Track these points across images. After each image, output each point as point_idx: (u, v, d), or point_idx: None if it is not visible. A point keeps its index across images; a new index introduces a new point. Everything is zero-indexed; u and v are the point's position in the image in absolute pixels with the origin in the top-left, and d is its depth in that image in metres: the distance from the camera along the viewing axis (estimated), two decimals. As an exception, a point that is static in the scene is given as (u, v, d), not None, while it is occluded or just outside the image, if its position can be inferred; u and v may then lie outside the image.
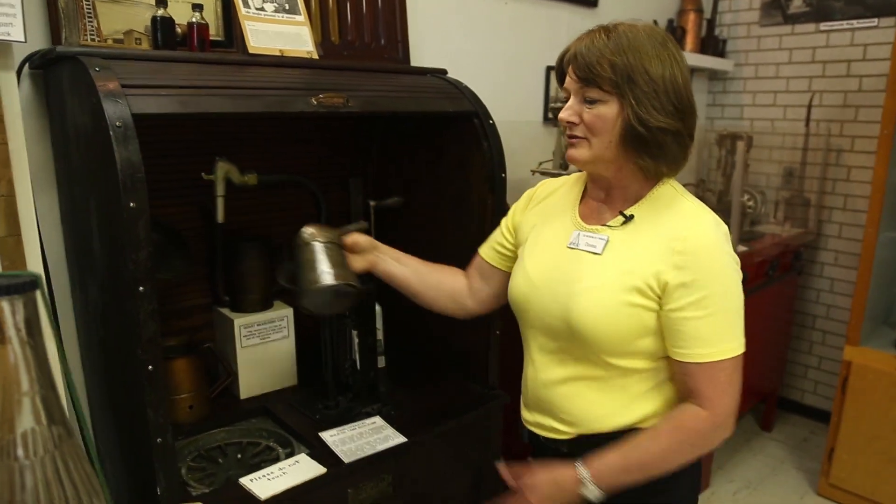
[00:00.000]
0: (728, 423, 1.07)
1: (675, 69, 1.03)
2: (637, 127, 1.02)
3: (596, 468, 1.08)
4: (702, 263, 1.03)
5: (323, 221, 1.49)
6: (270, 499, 1.24)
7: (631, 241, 1.09)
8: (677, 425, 1.08)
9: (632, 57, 1.01)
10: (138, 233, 1.06)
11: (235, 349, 1.63)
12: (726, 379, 1.05)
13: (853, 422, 2.56)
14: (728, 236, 1.08)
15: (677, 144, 1.06)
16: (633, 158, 1.07)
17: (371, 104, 1.41)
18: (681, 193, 1.12)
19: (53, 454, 0.67)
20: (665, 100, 1.02)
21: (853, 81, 3.05)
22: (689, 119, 1.06)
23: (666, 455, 1.08)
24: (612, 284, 1.07)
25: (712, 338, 1.04)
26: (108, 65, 1.13)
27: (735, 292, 1.06)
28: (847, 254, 3.14)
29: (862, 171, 3.05)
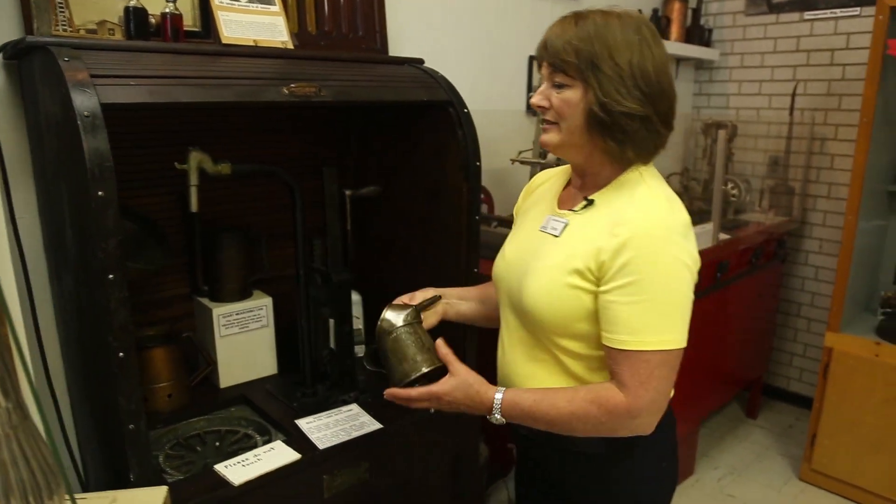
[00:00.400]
0: (646, 419, 1.04)
1: (644, 55, 1.03)
2: (598, 112, 1.03)
3: (508, 403, 1.10)
4: (639, 249, 1.00)
5: (297, 211, 1.50)
6: (244, 484, 1.26)
7: (585, 225, 1.10)
8: (594, 399, 1.04)
9: (598, 43, 1.02)
10: (107, 222, 1.07)
11: (214, 338, 1.64)
12: (648, 372, 1.01)
13: (834, 407, 2.59)
14: (685, 229, 1.04)
15: (645, 130, 1.05)
16: (598, 143, 1.07)
17: (344, 93, 1.42)
18: (645, 179, 1.09)
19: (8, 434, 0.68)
20: (631, 85, 1.02)
21: (837, 70, 3.06)
22: (661, 104, 1.05)
23: (572, 422, 1.06)
24: (558, 266, 1.09)
25: (637, 326, 1.01)
26: (78, 55, 1.14)
27: (673, 286, 1.01)
28: (831, 241, 3.16)
29: (845, 159, 3.06)
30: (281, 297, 1.77)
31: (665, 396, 1.05)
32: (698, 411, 2.71)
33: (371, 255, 1.94)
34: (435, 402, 1.15)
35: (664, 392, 1.04)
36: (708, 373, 2.65)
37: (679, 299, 1.02)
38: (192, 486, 1.26)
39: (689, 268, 1.03)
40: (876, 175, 2.57)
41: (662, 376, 1.03)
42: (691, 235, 1.06)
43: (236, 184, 1.77)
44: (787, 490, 2.67)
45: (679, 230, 1.03)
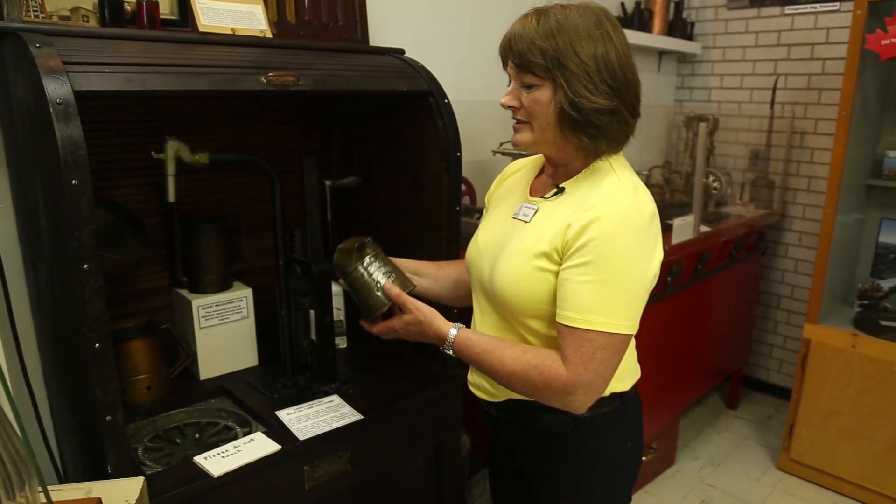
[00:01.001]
0: (581, 398, 1.05)
1: (608, 47, 1.03)
2: (570, 111, 1.04)
3: (460, 341, 1.16)
4: (599, 231, 1.02)
5: (277, 201, 1.49)
6: (223, 476, 1.25)
7: (554, 211, 1.12)
8: (537, 364, 1.07)
9: (560, 40, 1.02)
10: (81, 210, 1.05)
11: (194, 330, 1.63)
12: (590, 351, 1.02)
13: (812, 398, 2.62)
14: (649, 218, 1.06)
15: (616, 122, 1.06)
16: (571, 139, 1.09)
17: (322, 83, 1.41)
18: (615, 169, 1.11)
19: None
20: (598, 79, 1.02)
21: (816, 64, 3.09)
22: (628, 95, 1.06)
23: (511, 379, 1.10)
24: (526, 249, 1.11)
25: (586, 305, 1.02)
26: (50, 41, 1.12)
27: (627, 271, 1.02)
28: (810, 234, 3.19)
29: (825, 152, 3.10)
30: (260, 288, 1.76)
31: (604, 380, 1.06)
32: (679, 402, 2.73)
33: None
34: (396, 333, 1.24)
35: (604, 375, 1.05)
36: (689, 364, 2.68)
37: (631, 285, 1.03)
38: (170, 477, 1.25)
39: (651, 255, 1.05)
40: (854, 169, 2.60)
41: (604, 359, 1.04)
42: (656, 227, 1.07)
43: (215, 174, 1.75)
44: (766, 479, 2.71)
45: (643, 219, 1.05)
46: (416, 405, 1.61)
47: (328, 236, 1.60)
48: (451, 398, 1.72)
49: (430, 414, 1.67)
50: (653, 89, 3.44)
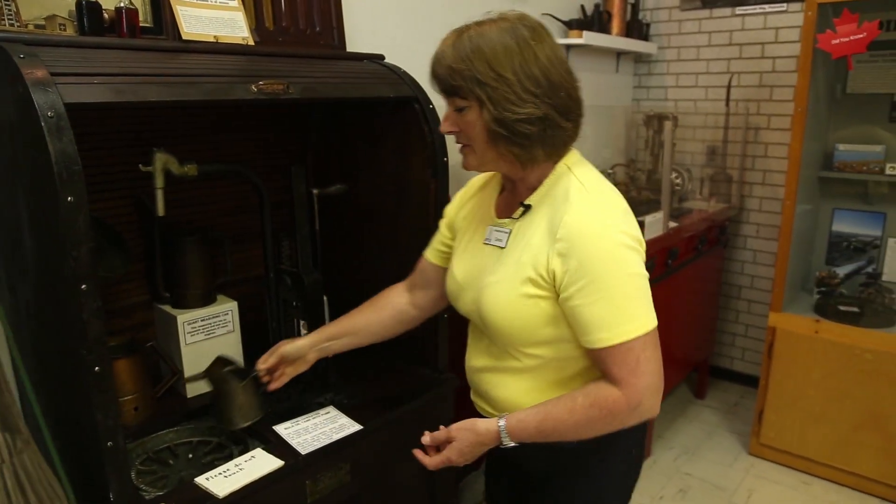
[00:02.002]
0: (648, 403, 1.05)
1: (525, 55, 1.02)
2: (496, 127, 1.03)
3: (513, 427, 1.11)
4: (582, 249, 1.02)
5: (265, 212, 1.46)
6: (229, 496, 1.22)
7: (527, 231, 1.11)
8: (592, 402, 1.06)
9: (476, 59, 1.01)
10: (78, 228, 1.01)
11: (180, 346, 1.58)
12: (634, 359, 1.03)
13: (779, 384, 2.72)
14: (621, 213, 1.07)
15: (548, 128, 1.05)
16: (505, 153, 1.08)
17: (311, 90, 1.39)
18: (574, 173, 1.10)
19: (10, 463, 0.64)
20: (520, 90, 1.01)
21: (767, 63, 3.21)
22: (556, 98, 1.04)
23: (578, 429, 1.08)
24: (510, 277, 1.10)
25: (608, 321, 1.02)
26: (34, 52, 1.07)
27: (623, 273, 1.03)
28: (767, 226, 3.31)
29: (778, 147, 3.22)
30: (243, 300, 1.71)
31: (658, 375, 1.06)
32: (653, 394, 2.79)
33: (336, 256, 1.91)
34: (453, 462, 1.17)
35: (656, 372, 1.06)
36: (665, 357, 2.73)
37: (636, 282, 1.04)
38: (172, 501, 1.21)
39: (632, 248, 1.05)
40: (808, 162, 2.71)
41: (649, 358, 1.04)
42: (629, 218, 1.08)
43: (193, 185, 1.70)
44: (738, 465, 2.80)
45: (615, 216, 1.06)
46: (411, 411, 1.60)
47: (317, 246, 1.58)
48: (444, 402, 1.72)
49: (425, 419, 1.66)
50: (611, 89, 3.51)
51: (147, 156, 1.36)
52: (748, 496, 2.59)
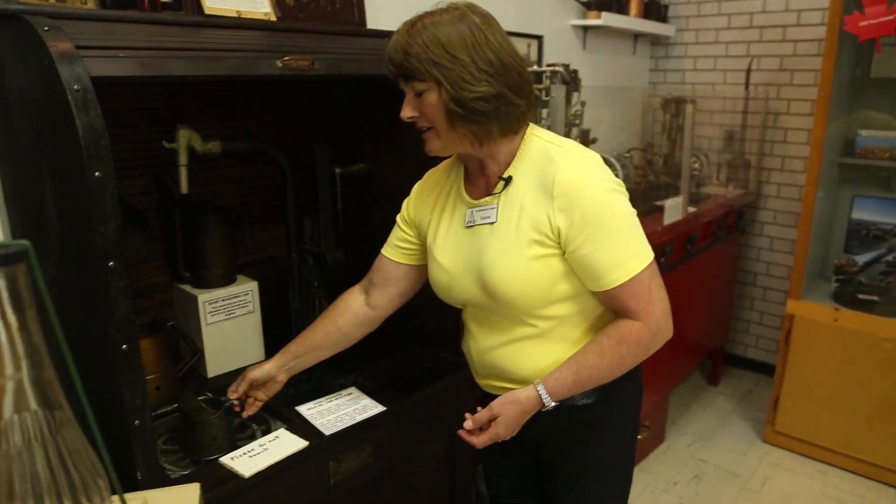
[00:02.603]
0: (664, 326, 1.15)
1: (477, 37, 1.07)
2: (454, 107, 1.07)
3: (552, 386, 1.16)
4: (581, 200, 1.09)
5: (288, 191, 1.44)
6: (254, 476, 1.21)
7: (515, 200, 1.15)
8: (619, 339, 1.14)
9: (431, 43, 1.06)
10: (105, 204, 1.00)
11: (200, 327, 1.57)
12: (645, 290, 1.12)
13: (796, 372, 2.70)
14: (601, 164, 1.14)
15: (502, 105, 1.10)
16: (463, 131, 1.11)
17: (336, 67, 1.37)
18: (548, 141, 1.17)
19: (53, 440, 0.62)
20: (475, 69, 1.06)
21: (788, 46, 3.15)
22: (509, 77, 1.09)
23: (612, 367, 1.16)
24: (513, 246, 1.14)
25: (617, 260, 1.10)
26: (58, 24, 1.04)
27: (620, 212, 1.11)
28: (785, 212, 3.28)
29: (798, 132, 3.18)
30: (262, 281, 1.70)
31: (666, 299, 1.15)
32: (668, 380, 2.78)
33: (356, 236, 1.89)
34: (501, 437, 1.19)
35: (663, 297, 1.15)
36: (678, 343, 2.71)
37: (631, 219, 1.13)
38: (199, 480, 1.19)
39: (619, 191, 1.13)
40: (829, 147, 2.67)
41: (658, 286, 1.14)
42: (607, 167, 1.16)
43: (212, 164, 1.68)
44: (753, 452, 2.78)
45: (598, 167, 1.14)
46: (434, 393, 1.59)
47: (339, 225, 1.56)
48: (466, 385, 1.70)
49: (447, 401, 1.66)
50: (628, 72, 3.46)
51: (167, 134, 1.34)
52: (763, 483, 2.58)
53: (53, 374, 0.63)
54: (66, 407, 0.64)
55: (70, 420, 0.64)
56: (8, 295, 0.60)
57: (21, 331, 0.62)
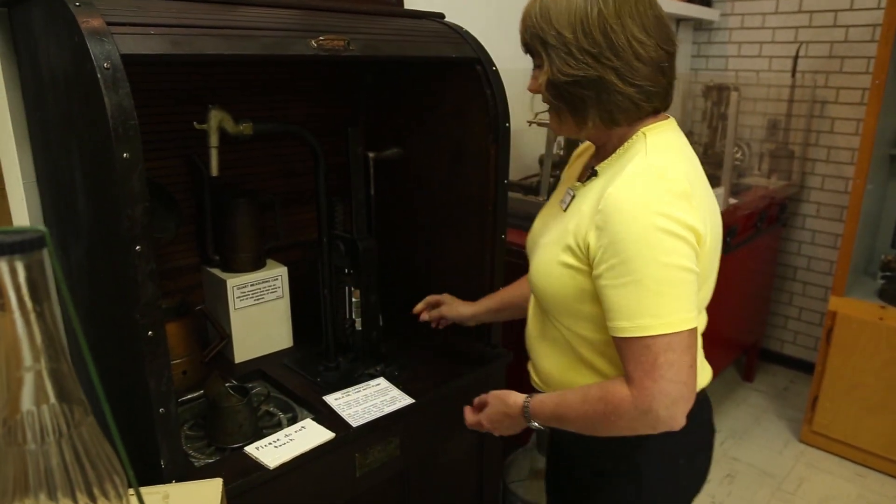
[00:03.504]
0: (658, 411, 0.91)
1: (589, 14, 0.95)
2: (547, 90, 1.02)
3: (534, 406, 1.09)
4: (616, 224, 0.92)
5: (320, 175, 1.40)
6: (279, 467, 1.19)
7: (585, 198, 1.03)
8: (601, 396, 0.98)
9: (542, 19, 0.99)
10: (133, 186, 0.96)
11: (228, 311, 1.55)
12: (651, 360, 0.91)
13: (837, 370, 2.61)
14: (672, 197, 0.92)
15: (604, 92, 0.98)
16: (565, 117, 1.04)
17: (372, 48, 1.32)
18: (647, 145, 1.00)
19: (69, 435, 0.60)
20: (576, 49, 0.96)
21: (839, 32, 3.02)
22: (617, 60, 0.95)
23: (587, 421, 1.01)
24: (555, 241, 1.06)
25: (630, 311, 0.92)
26: (90, 0, 1.01)
27: (657, 260, 0.90)
28: (829, 206, 3.16)
29: (846, 122, 3.05)
30: (292, 266, 1.67)
31: (680, 384, 0.91)
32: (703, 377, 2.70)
33: (388, 222, 1.85)
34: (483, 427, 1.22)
35: (676, 379, 0.91)
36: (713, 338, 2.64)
37: (672, 274, 0.91)
38: (224, 470, 1.18)
39: (675, 235, 0.91)
40: (879, 139, 2.55)
41: (671, 362, 0.91)
42: (685, 205, 0.92)
43: (242, 146, 1.65)
44: (788, 452, 2.70)
45: (663, 199, 0.92)
46: (464, 386, 1.55)
47: (371, 211, 1.52)
48: (497, 378, 1.66)
49: (477, 394, 1.61)
50: (669, 57, 3.35)
51: (198, 115, 1.31)
52: (798, 485, 2.50)
53: (71, 367, 0.60)
54: (83, 399, 0.61)
55: (87, 413, 0.61)
56: (26, 283, 0.57)
57: (39, 320, 0.58)
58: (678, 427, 0.94)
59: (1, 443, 0.57)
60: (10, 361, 0.58)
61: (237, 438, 1.28)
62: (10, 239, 0.54)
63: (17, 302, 0.58)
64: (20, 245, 0.55)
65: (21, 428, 0.58)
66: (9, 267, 0.56)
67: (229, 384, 1.36)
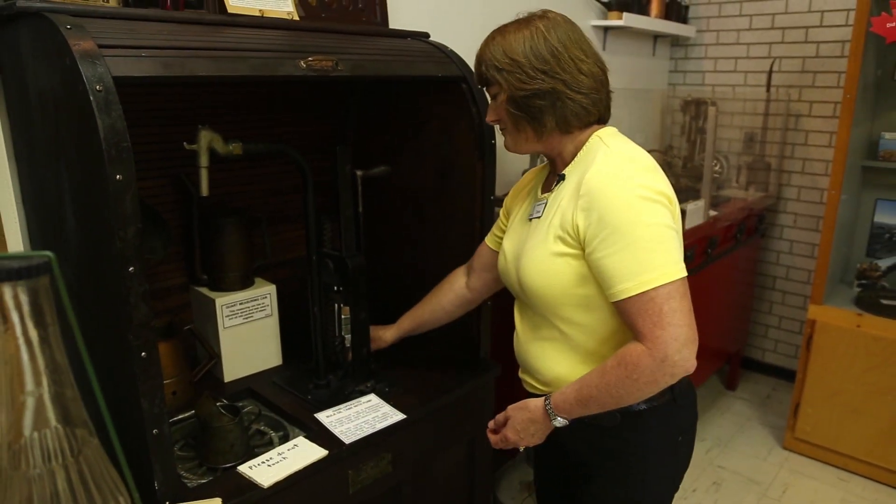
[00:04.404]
0: (675, 357, 1.02)
1: (536, 41, 1.12)
2: (510, 107, 1.16)
3: (556, 400, 1.16)
4: (601, 201, 1.06)
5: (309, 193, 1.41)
6: (274, 486, 1.19)
7: (559, 197, 1.17)
8: (619, 361, 1.07)
9: (495, 52, 1.15)
10: (125, 208, 0.97)
11: (218, 330, 1.54)
12: (656, 309, 1.02)
13: (817, 377, 2.65)
14: (645, 170, 1.08)
15: (558, 101, 1.13)
16: (525, 129, 1.18)
17: (360, 68, 1.34)
18: (604, 142, 1.15)
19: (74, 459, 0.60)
20: (529, 68, 1.12)
21: (811, 47, 3.10)
22: (565, 73, 1.12)
23: (611, 390, 1.08)
24: (542, 239, 1.16)
25: (629, 271, 1.03)
26: (80, 23, 1.02)
27: (643, 222, 1.03)
28: (805, 216, 3.22)
29: (819, 135, 3.12)
30: (279, 284, 1.67)
31: (687, 326, 1.03)
32: (686, 386, 2.74)
33: (376, 239, 1.86)
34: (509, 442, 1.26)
35: (682, 323, 1.02)
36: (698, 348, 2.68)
37: (658, 231, 1.04)
38: (217, 490, 1.17)
39: (656, 200, 1.06)
40: (852, 150, 2.62)
41: (675, 309, 1.02)
42: (654, 174, 1.09)
43: (229, 166, 1.66)
44: (773, 458, 2.74)
45: (634, 170, 1.08)
46: (454, 400, 1.56)
47: (359, 228, 1.53)
48: (486, 391, 1.67)
49: (467, 408, 1.63)
50: (647, 73, 3.42)
51: (184, 134, 1.31)
52: (783, 491, 2.53)
53: (75, 391, 0.61)
54: (88, 423, 0.61)
55: (92, 437, 0.61)
56: (29, 309, 0.57)
57: (42, 345, 0.59)
58: (692, 369, 1.05)
59: (6, 468, 0.57)
60: (14, 386, 0.58)
61: (229, 458, 1.28)
62: (15, 264, 0.55)
63: (21, 327, 0.58)
64: (25, 271, 0.56)
65: (25, 452, 0.58)
66: (12, 292, 0.57)
67: (220, 404, 1.35)
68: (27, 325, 0.58)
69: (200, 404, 1.33)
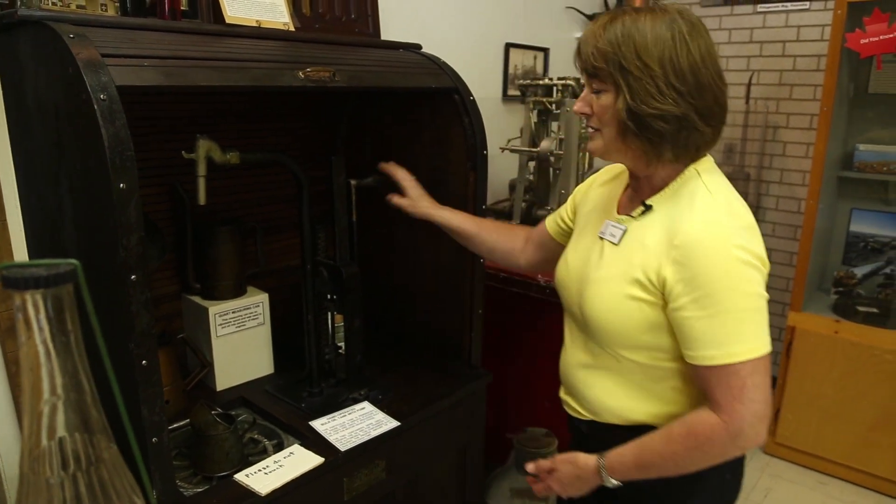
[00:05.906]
0: (749, 432, 0.98)
1: (678, 50, 0.96)
2: (626, 118, 0.99)
3: (612, 461, 1.09)
4: (699, 259, 0.96)
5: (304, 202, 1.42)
6: (271, 493, 1.19)
7: (644, 232, 1.06)
8: (689, 431, 1.01)
9: (624, 46, 0.98)
10: (129, 216, 0.98)
11: (210, 339, 1.54)
12: (739, 384, 0.96)
13: (797, 383, 2.71)
14: (745, 231, 0.99)
15: (683, 129, 0.99)
16: (634, 146, 1.03)
17: (357, 78, 1.35)
18: (703, 181, 1.04)
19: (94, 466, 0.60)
20: (664, 84, 0.96)
21: (788, 61, 3.18)
22: (701, 100, 0.98)
23: (677, 459, 1.03)
24: (618, 277, 1.06)
25: (717, 340, 0.97)
26: (83, 32, 1.03)
27: (744, 290, 0.97)
28: (784, 225, 3.30)
29: (797, 146, 3.20)
30: (272, 292, 1.68)
31: (764, 404, 0.99)
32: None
33: (369, 248, 1.87)
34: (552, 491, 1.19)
35: (763, 400, 0.98)
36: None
37: (753, 302, 0.98)
38: (214, 498, 1.18)
39: (752, 265, 0.98)
40: (829, 161, 2.69)
41: (757, 385, 0.97)
42: (754, 237, 1.01)
43: (224, 175, 1.66)
44: (754, 463, 2.79)
45: (739, 233, 0.98)
46: (447, 407, 1.58)
47: (354, 238, 1.54)
48: (478, 398, 1.69)
49: (459, 415, 1.64)
50: (629, 84, 3.47)
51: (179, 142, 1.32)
52: (765, 495, 2.58)
53: (95, 399, 0.61)
54: (107, 430, 0.62)
55: (111, 444, 0.62)
56: (53, 316, 0.58)
57: (65, 353, 0.60)
58: (763, 443, 1.01)
59: (28, 473, 0.58)
60: (36, 393, 0.59)
61: (224, 466, 1.28)
62: (43, 272, 0.56)
63: (44, 334, 0.59)
64: (51, 279, 0.56)
65: (47, 459, 0.59)
66: (39, 300, 0.57)
67: (215, 412, 1.35)
68: (51, 332, 0.59)
69: (195, 413, 1.33)
